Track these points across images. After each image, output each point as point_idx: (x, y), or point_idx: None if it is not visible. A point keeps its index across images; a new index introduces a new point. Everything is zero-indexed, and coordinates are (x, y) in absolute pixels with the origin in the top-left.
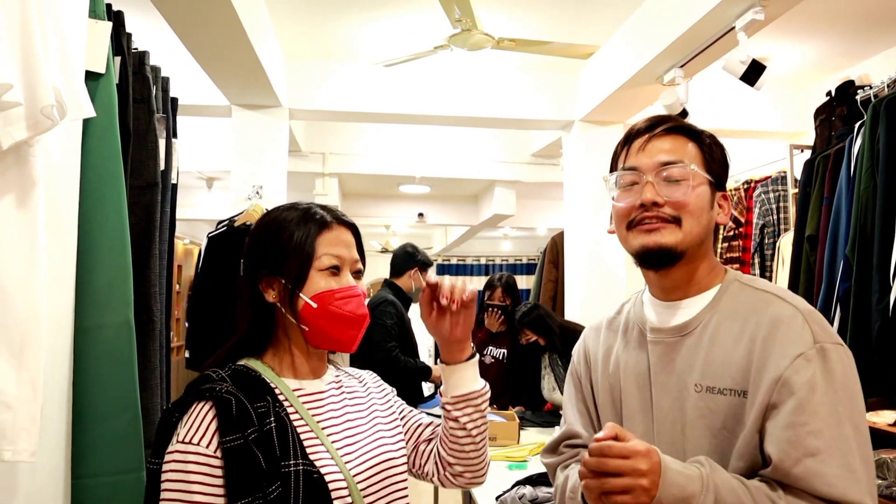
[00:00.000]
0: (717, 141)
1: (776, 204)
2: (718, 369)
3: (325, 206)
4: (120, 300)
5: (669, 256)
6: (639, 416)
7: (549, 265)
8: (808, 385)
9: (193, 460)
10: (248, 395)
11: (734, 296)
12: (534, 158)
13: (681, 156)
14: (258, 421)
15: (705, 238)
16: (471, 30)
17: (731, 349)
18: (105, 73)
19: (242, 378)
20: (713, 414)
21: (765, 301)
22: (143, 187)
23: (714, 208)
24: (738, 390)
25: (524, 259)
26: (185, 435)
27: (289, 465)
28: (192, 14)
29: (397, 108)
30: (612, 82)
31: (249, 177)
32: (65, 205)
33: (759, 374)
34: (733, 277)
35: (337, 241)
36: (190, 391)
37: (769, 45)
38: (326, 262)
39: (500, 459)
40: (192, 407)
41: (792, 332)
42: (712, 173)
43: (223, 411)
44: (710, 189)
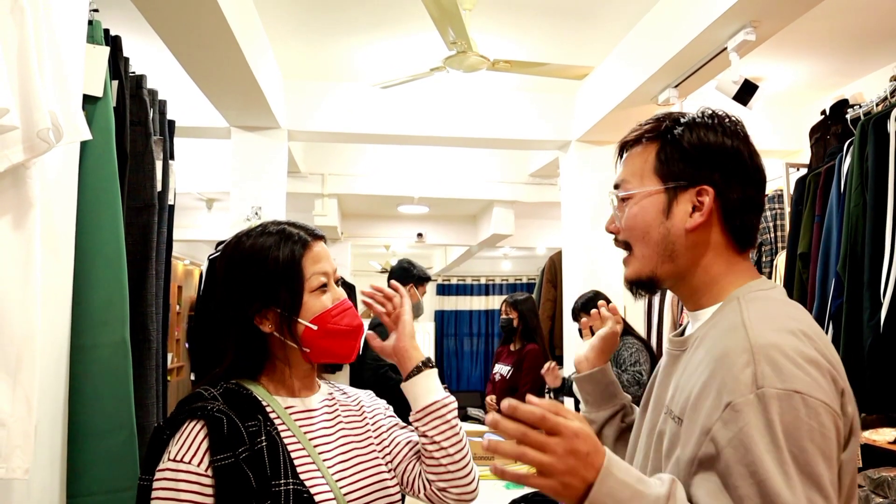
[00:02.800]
0: (697, 124)
1: (773, 222)
2: (680, 394)
3: (294, 223)
4: (116, 319)
5: (641, 285)
6: (635, 432)
7: (548, 284)
8: (738, 441)
9: (184, 478)
10: (239, 414)
11: (724, 314)
12: (532, 178)
13: (631, 172)
14: (249, 440)
15: (673, 253)
16: (466, 52)
17: (693, 374)
18: (102, 97)
19: (234, 396)
20: (666, 440)
21: (730, 328)
22: (139, 208)
23: (672, 216)
24: (682, 418)
25: (524, 279)
26: (177, 453)
27: (279, 484)
28: (190, 36)
29: (396, 130)
30: (608, 103)
31: (249, 198)
32: (62, 225)
33: (693, 414)
34: (740, 292)
35: (319, 258)
36: (181, 409)
37: (765, 64)
38: (316, 282)
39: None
40: (183, 425)
41: (729, 374)
42: (672, 174)
43: (215, 430)
44: (662, 198)
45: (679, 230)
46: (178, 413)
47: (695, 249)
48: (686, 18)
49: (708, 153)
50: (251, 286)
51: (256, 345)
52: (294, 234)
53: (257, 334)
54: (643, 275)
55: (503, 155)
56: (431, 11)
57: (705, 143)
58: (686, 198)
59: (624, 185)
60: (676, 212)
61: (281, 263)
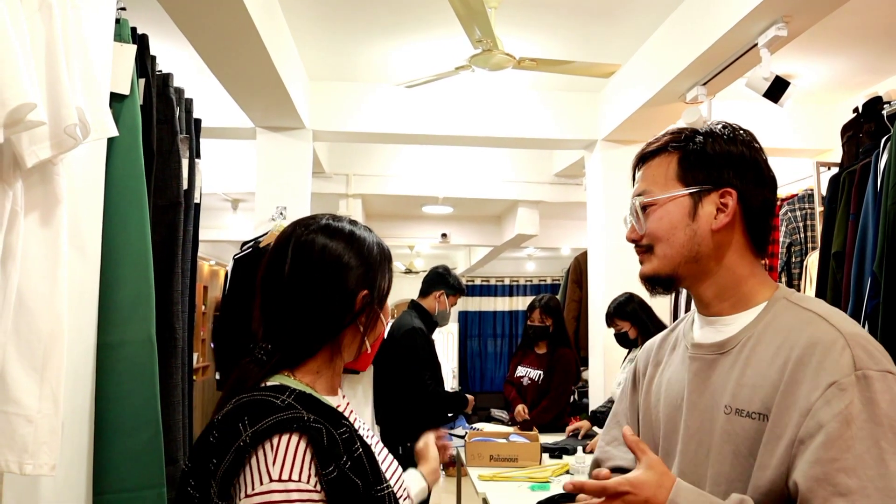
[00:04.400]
0: (715, 134)
1: (803, 222)
2: (749, 391)
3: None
4: (142, 317)
5: (660, 282)
6: (671, 436)
7: (573, 285)
8: (842, 417)
9: (298, 498)
10: (328, 422)
11: (778, 314)
12: (557, 178)
13: (653, 181)
14: (344, 448)
15: (698, 253)
16: (492, 50)
17: (764, 371)
18: (129, 95)
19: (310, 403)
20: (739, 438)
21: (806, 321)
22: (166, 206)
23: (698, 218)
24: (764, 414)
25: (548, 279)
26: (280, 472)
27: (382, 489)
28: (216, 37)
29: (420, 130)
30: (635, 101)
31: (274, 198)
32: (88, 223)
33: (785, 401)
34: (782, 294)
35: None
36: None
37: (795, 61)
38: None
39: (523, 480)
40: (272, 440)
41: (828, 357)
42: (696, 179)
43: (316, 443)
44: (687, 202)
45: (705, 231)
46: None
47: (719, 250)
48: (716, 14)
49: (729, 159)
50: (367, 273)
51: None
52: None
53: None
54: (662, 273)
55: (528, 155)
56: (457, 9)
57: (726, 151)
58: (710, 200)
59: (647, 193)
60: (702, 214)
61: (384, 255)
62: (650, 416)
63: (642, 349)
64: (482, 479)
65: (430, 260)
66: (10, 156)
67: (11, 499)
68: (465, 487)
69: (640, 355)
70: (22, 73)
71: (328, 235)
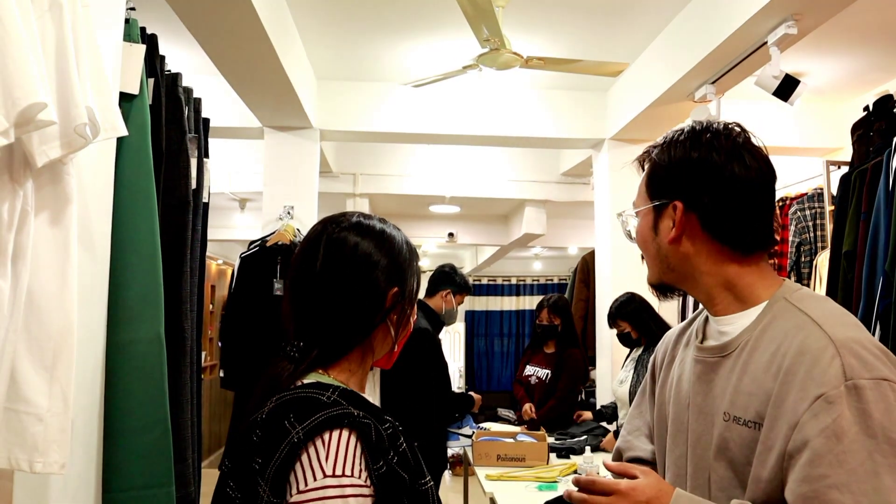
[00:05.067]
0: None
1: (812, 221)
2: (745, 399)
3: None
4: (151, 316)
5: (658, 289)
6: (679, 437)
7: (581, 284)
8: (829, 432)
9: (353, 493)
10: (375, 418)
11: (777, 316)
12: (564, 178)
13: (637, 194)
14: (390, 443)
15: (670, 265)
16: (499, 49)
17: (760, 378)
18: (139, 95)
19: (355, 399)
20: (735, 446)
21: (799, 326)
22: (174, 206)
23: (659, 232)
24: (759, 423)
25: (555, 279)
26: (335, 467)
27: (424, 482)
28: (224, 36)
29: (427, 129)
30: (643, 100)
31: (281, 197)
32: (98, 222)
33: (776, 411)
34: (783, 294)
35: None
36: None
37: (805, 59)
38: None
39: (530, 480)
40: (323, 436)
41: (816, 367)
42: (656, 193)
43: (366, 438)
44: (650, 216)
45: (665, 244)
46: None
47: (688, 259)
48: (725, 12)
49: (676, 169)
50: (397, 270)
51: (367, 330)
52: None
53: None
54: (654, 282)
55: (535, 154)
56: (465, 8)
57: (674, 161)
58: (667, 214)
59: (634, 204)
60: (661, 227)
61: (413, 253)
62: (663, 412)
63: (661, 341)
64: (489, 478)
65: (436, 259)
66: (20, 155)
67: (22, 496)
68: (473, 487)
69: (658, 347)
70: (32, 72)
71: (359, 233)
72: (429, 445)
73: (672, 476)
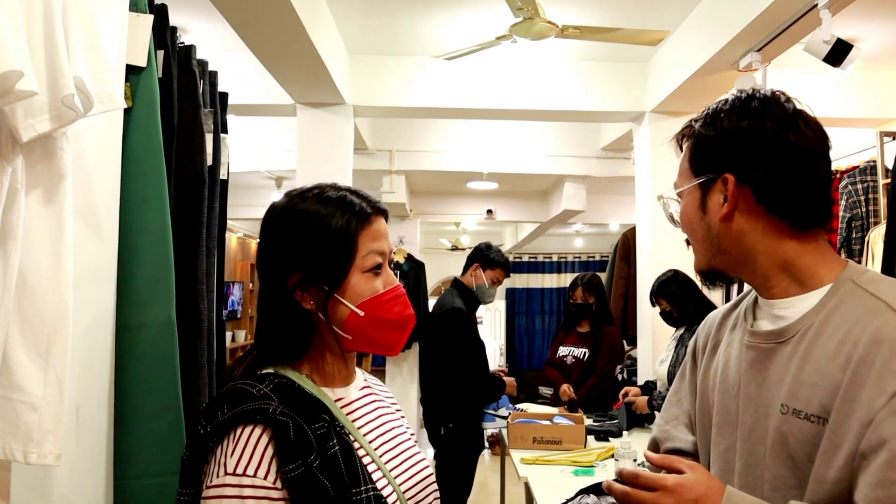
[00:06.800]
0: (723, 112)
1: (865, 196)
2: (808, 390)
3: (357, 192)
4: (162, 298)
5: (707, 277)
6: (726, 428)
7: (621, 262)
8: None
9: (252, 494)
10: (302, 415)
11: (844, 300)
12: (604, 152)
13: (679, 172)
14: (318, 445)
15: (721, 246)
16: (533, 18)
17: (825, 368)
18: (147, 67)
19: (289, 393)
20: (797, 442)
21: (873, 312)
22: (189, 183)
23: (709, 210)
24: (824, 418)
25: (597, 256)
26: (237, 465)
27: (360, 491)
28: (251, 12)
29: (463, 104)
30: (685, 70)
31: (315, 175)
32: (104, 201)
33: (846, 406)
34: (849, 276)
35: (378, 235)
36: (231, 411)
37: (857, 25)
38: (370, 261)
39: (566, 464)
40: (235, 431)
41: (895, 359)
42: (702, 168)
43: (281, 436)
44: (697, 194)
45: (716, 223)
46: (227, 416)
47: (743, 238)
48: None
49: (724, 141)
50: (296, 253)
51: (298, 323)
52: (355, 205)
53: (299, 311)
54: (703, 268)
55: (574, 128)
56: None
57: (721, 132)
58: (717, 189)
59: (675, 185)
60: (710, 205)
61: (333, 233)
62: (706, 401)
63: (703, 323)
64: (524, 462)
65: (476, 237)
66: (7, 130)
67: (21, 487)
68: (509, 468)
69: (700, 330)
70: (6, 39)
71: (268, 217)
72: (463, 426)
73: (718, 471)
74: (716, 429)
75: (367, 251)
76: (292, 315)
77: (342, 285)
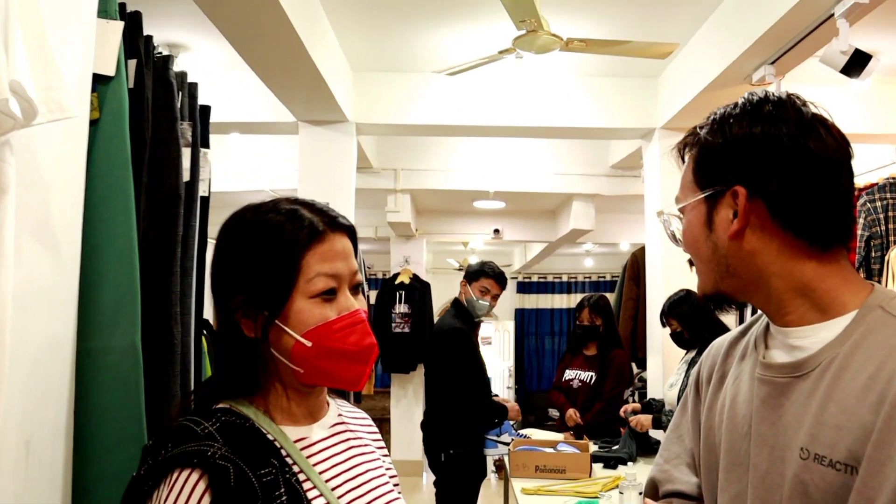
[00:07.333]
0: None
1: (884, 213)
2: (832, 433)
3: (314, 206)
4: (127, 321)
5: (713, 300)
6: (735, 472)
7: (630, 282)
8: None
9: None
10: (247, 459)
11: (873, 329)
12: (613, 170)
13: (682, 185)
14: (263, 494)
15: (730, 267)
16: (536, 31)
17: (852, 407)
18: (115, 77)
19: (236, 433)
20: (820, 493)
21: None
22: (163, 199)
23: (715, 227)
24: (852, 466)
25: (607, 276)
26: None
27: None
28: (250, 30)
29: (468, 121)
30: (695, 85)
31: (317, 193)
32: (65, 217)
33: (880, 453)
34: (878, 301)
35: (331, 255)
36: (166, 453)
37: (874, 36)
38: (320, 284)
39: (569, 495)
40: (172, 475)
41: None
42: (708, 180)
43: (218, 484)
44: (703, 209)
45: (724, 241)
46: (164, 458)
47: (754, 258)
48: None
49: (734, 149)
50: (237, 272)
51: (243, 352)
52: (305, 220)
53: (242, 338)
54: (708, 291)
55: (582, 146)
56: None
57: (731, 139)
58: (726, 203)
59: (677, 199)
60: (718, 221)
61: (273, 252)
62: (712, 439)
63: (707, 351)
64: (525, 492)
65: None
66: None
67: None
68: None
69: (704, 359)
70: None
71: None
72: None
73: None
74: (723, 472)
75: (314, 273)
76: (236, 342)
77: (283, 311)
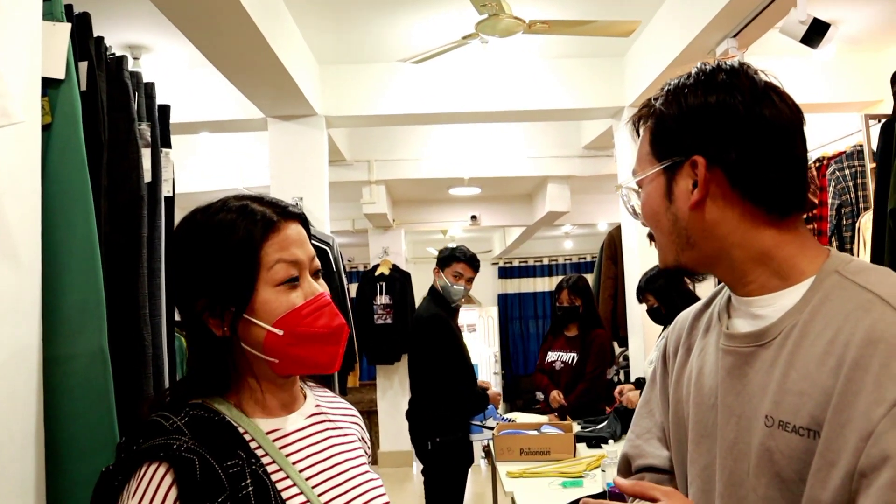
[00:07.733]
0: (686, 87)
1: (853, 181)
2: (794, 399)
3: (262, 199)
4: (93, 326)
5: (675, 273)
6: (704, 444)
7: (608, 262)
8: None
9: None
10: (214, 451)
11: (829, 294)
12: (586, 151)
13: (637, 158)
14: (230, 484)
15: (690, 238)
16: (498, 14)
17: (813, 373)
18: (66, 80)
19: (204, 427)
20: (784, 458)
21: (864, 307)
22: (125, 202)
23: (675, 198)
24: (815, 430)
25: (588, 257)
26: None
27: None
28: (210, 27)
29: (438, 108)
30: (661, 61)
31: (289, 188)
32: (22, 225)
33: (840, 416)
34: (833, 266)
35: (288, 242)
36: (136, 448)
37: (836, 5)
38: (280, 273)
39: (554, 476)
40: (140, 470)
41: (894, 361)
42: (665, 151)
43: (184, 476)
44: (662, 180)
45: (684, 212)
46: (132, 453)
47: (715, 229)
48: None
49: (690, 119)
50: (197, 275)
51: (214, 352)
52: (257, 213)
53: (212, 339)
54: (668, 264)
55: (555, 128)
56: None
57: (686, 109)
58: (684, 174)
59: (634, 172)
60: (678, 192)
61: (231, 248)
62: (680, 412)
63: (673, 325)
64: (510, 475)
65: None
66: None
67: None
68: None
69: (670, 332)
70: None
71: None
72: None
73: (697, 492)
74: (693, 444)
75: (274, 262)
76: (206, 343)
77: (250, 304)
